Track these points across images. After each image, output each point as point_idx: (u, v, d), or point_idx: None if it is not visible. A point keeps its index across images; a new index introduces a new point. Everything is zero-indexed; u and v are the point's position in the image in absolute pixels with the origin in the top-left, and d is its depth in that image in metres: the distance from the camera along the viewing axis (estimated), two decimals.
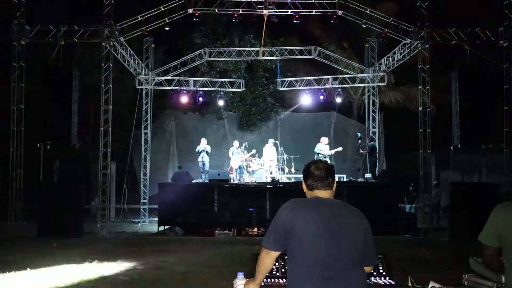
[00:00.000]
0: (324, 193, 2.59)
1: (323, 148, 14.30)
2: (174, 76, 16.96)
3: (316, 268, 2.38)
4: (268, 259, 2.55)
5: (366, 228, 2.51)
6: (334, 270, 2.37)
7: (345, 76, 17.11)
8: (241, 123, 19.95)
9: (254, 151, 14.92)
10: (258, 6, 13.20)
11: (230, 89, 18.04)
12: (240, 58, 17.72)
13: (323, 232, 2.40)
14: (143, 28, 13.42)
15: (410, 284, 3.20)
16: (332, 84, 16.82)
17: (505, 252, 2.83)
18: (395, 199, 13.18)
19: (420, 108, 12.92)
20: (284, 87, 17.75)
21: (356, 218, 2.52)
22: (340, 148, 14.68)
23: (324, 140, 14.51)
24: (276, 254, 2.54)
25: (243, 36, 18.99)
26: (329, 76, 17.11)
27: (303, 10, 13.41)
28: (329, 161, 14.26)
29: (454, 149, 12.59)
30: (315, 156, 13.71)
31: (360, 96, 20.49)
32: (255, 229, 12.67)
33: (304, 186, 2.69)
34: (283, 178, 14.47)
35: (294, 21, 13.65)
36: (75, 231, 11.80)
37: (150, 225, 15.53)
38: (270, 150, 14.77)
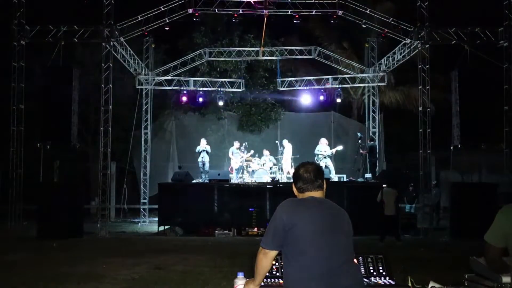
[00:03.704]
0: (316, 194, 2.63)
1: (324, 149, 14.33)
2: (174, 76, 16.95)
3: (319, 265, 2.42)
4: (265, 260, 2.56)
5: (350, 224, 2.63)
6: (336, 265, 2.43)
7: (345, 76, 17.09)
8: (241, 123, 19.92)
9: (252, 151, 14.97)
10: (258, 6, 13.20)
11: (230, 89, 18.03)
12: (240, 58, 17.72)
13: (323, 230, 2.47)
14: (143, 28, 13.43)
15: (410, 284, 3.20)
16: (332, 84, 16.81)
17: None
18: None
19: (420, 108, 12.91)
20: (284, 87, 17.74)
21: (345, 215, 2.63)
22: (340, 147, 14.69)
23: (323, 141, 14.54)
24: (273, 254, 2.56)
25: (243, 36, 18.98)
26: (329, 76, 17.10)
27: (303, 10, 13.42)
28: (330, 161, 14.30)
29: (454, 149, 12.57)
30: (315, 158, 13.74)
31: (360, 96, 20.46)
32: (255, 229, 12.67)
33: (294, 189, 2.72)
34: (283, 178, 14.48)
35: (294, 21, 13.66)
36: (75, 231, 11.79)
37: (150, 225, 15.53)
38: (289, 149, 14.88)
